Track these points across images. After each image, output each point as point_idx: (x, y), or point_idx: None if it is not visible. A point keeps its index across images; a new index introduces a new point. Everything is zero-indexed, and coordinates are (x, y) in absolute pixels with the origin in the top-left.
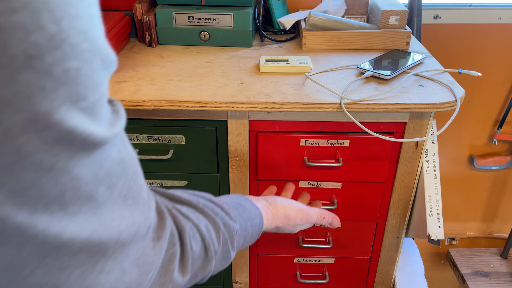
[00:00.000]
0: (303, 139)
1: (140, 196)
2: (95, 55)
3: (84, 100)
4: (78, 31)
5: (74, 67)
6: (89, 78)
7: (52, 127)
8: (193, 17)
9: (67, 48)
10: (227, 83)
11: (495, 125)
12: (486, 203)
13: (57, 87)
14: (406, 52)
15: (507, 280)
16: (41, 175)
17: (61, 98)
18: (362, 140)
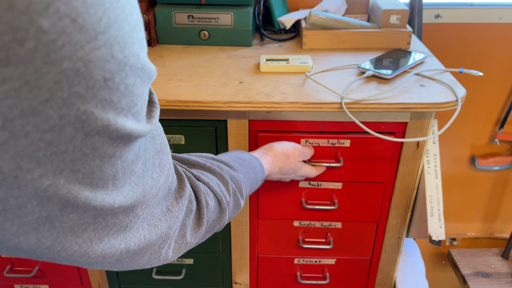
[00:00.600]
0: (303, 138)
1: (166, 162)
2: (143, 71)
3: (135, 106)
4: (134, 54)
5: (131, 82)
6: (139, 89)
7: (117, 130)
8: (193, 16)
9: (128, 69)
10: (227, 82)
11: (496, 125)
12: (488, 204)
13: (121, 99)
14: (407, 51)
15: (508, 281)
16: (104, 162)
17: (122, 108)
18: (362, 140)
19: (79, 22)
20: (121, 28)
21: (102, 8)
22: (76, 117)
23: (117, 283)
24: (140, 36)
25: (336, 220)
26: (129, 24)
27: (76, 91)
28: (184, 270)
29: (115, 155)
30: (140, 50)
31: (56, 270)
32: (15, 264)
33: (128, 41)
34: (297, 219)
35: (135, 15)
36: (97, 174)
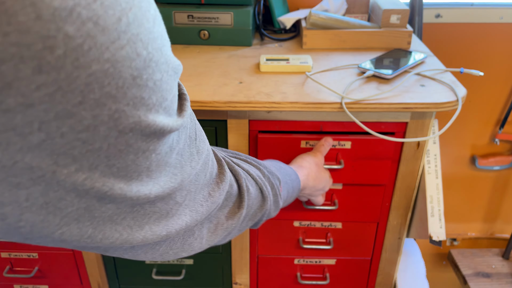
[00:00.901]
0: (303, 140)
1: (203, 149)
2: (168, 65)
3: (165, 101)
4: (157, 50)
5: (159, 78)
6: (167, 84)
7: (149, 126)
8: (193, 16)
9: (153, 65)
10: (226, 82)
11: (497, 124)
12: (488, 204)
13: (151, 95)
14: (407, 51)
15: (509, 281)
16: (138, 156)
17: (153, 103)
18: (363, 142)
19: (101, 24)
20: (141, 25)
21: (119, 8)
22: (109, 116)
23: (117, 283)
24: (160, 31)
25: (336, 220)
26: (148, 20)
27: (107, 92)
28: (184, 270)
29: (149, 149)
30: (162, 45)
31: (56, 270)
32: (14, 264)
33: (150, 37)
34: (297, 219)
35: (152, 10)
36: (131, 168)
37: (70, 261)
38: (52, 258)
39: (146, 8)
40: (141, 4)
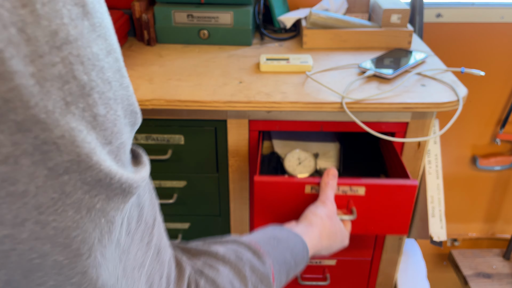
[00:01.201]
0: (308, 185)
1: (159, 242)
2: (118, 104)
3: (109, 144)
4: (104, 81)
5: (102, 113)
6: (114, 124)
7: (92, 169)
8: (192, 16)
9: (96, 95)
10: (226, 82)
11: (498, 124)
12: (489, 204)
13: (90, 131)
14: (408, 51)
15: (509, 281)
16: (82, 215)
17: (95, 141)
18: (380, 188)
19: (27, 33)
20: (86, 47)
21: (58, 21)
22: (34, 146)
23: None
24: (113, 65)
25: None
26: (99, 47)
27: (33, 115)
28: None
29: (96, 207)
30: (115, 80)
31: None
32: None
33: (97, 65)
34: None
35: (110, 40)
36: (74, 234)
37: None
38: None
39: (101, 33)
40: (95, 27)
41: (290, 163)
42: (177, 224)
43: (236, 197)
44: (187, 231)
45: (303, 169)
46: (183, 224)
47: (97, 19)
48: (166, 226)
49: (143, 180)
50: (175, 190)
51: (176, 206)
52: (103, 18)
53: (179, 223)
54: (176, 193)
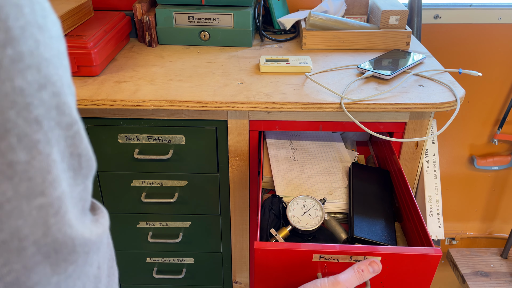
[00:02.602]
0: (316, 254)
1: None
2: (51, 146)
3: (41, 196)
4: (30, 121)
5: (23, 159)
6: (46, 172)
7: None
8: (193, 17)
9: (13, 139)
10: (227, 83)
11: (495, 125)
12: (486, 203)
13: (3, 181)
14: (406, 52)
15: (507, 280)
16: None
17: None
18: (398, 258)
19: None
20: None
21: None
22: None
23: (118, 282)
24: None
25: None
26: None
27: None
28: (185, 269)
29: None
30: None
31: None
32: None
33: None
34: None
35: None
36: None
37: None
38: None
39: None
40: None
41: (294, 212)
42: (178, 223)
43: (237, 197)
44: (188, 230)
45: (309, 221)
46: (184, 223)
47: (27, 47)
48: (167, 225)
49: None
50: (176, 190)
51: (177, 205)
52: (40, 45)
53: (180, 222)
54: (177, 193)
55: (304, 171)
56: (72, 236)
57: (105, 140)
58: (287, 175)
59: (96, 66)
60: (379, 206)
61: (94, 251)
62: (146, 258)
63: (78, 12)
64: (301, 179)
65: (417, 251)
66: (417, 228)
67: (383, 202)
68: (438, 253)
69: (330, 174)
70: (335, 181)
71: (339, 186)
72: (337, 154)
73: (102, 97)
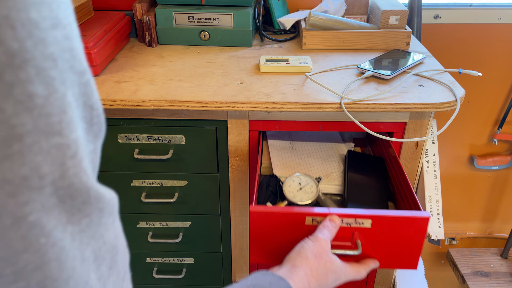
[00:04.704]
0: (309, 216)
1: None
2: (66, 87)
3: (59, 136)
4: (46, 56)
5: (41, 93)
6: (62, 111)
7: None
8: (193, 17)
9: (31, 70)
10: (227, 83)
11: (495, 125)
12: (486, 203)
13: (19, 111)
14: (406, 52)
15: (507, 280)
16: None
17: (27, 126)
18: (387, 220)
19: None
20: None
21: None
22: None
23: None
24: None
25: None
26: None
27: None
28: (185, 269)
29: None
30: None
31: None
32: None
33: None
34: None
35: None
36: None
37: None
38: None
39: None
40: None
41: (290, 189)
42: (178, 223)
43: (236, 197)
44: (188, 229)
45: (304, 196)
46: (184, 223)
47: None
48: (167, 225)
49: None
50: (176, 190)
51: (177, 205)
52: None
53: (180, 222)
54: (177, 192)
55: (301, 158)
56: (87, 185)
57: (105, 140)
58: (285, 160)
59: (96, 66)
60: (373, 188)
61: (108, 214)
62: (146, 258)
63: (78, 12)
64: (299, 164)
65: (405, 213)
66: (407, 198)
67: (378, 185)
68: (426, 215)
69: (327, 161)
70: (331, 166)
71: (335, 171)
72: (334, 146)
73: (102, 97)
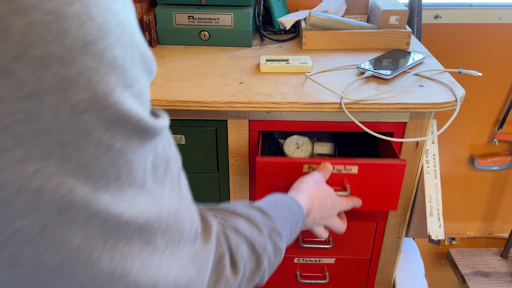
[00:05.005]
0: (306, 164)
1: (185, 194)
2: (133, 48)
3: (131, 87)
4: (119, 24)
5: (120, 55)
6: (132, 67)
7: (110, 108)
8: (193, 17)
9: (113, 38)
10: (227, 83)
11: (495, 125)
12: (486, 203)
13: (109, 71)
14: (406, 52)
15: (507, 280)
16: (101, 154)
17: (114, 82)
18: (371, 166)
19: None
20: None
21: None
22: (56, 84)
23: None
24: (126, 12)
25: None
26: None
27: (51, 51)
28: None
29: (115, 148)
30: (128, 24)
31: None
32: None
33: (110, 8)
34: None
35: None
36: (94, 169)
37: None
38: None
39: None
40: None
41: (289, 148)
42: None
43: (236, 197)
44: None
45: (301, 153)
46: None
47: None
48: None
49: (163, 127)
50: None
51: None
52: None
53: None
54: None
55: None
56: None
57: None
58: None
59: None
60: (362, 149)
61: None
62: None
63: None
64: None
65: (386, 161)
66: (388, 150)
67: (365, 145)
68: (403, 163)
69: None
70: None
71: (327, 136)
72: None
73: None
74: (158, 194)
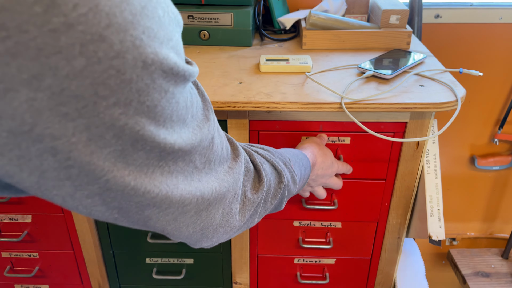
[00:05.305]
0: (303, 136)
1: (215, 122)
2: (167, 5)
3: (171, 41)
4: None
5: (161, 14)
6: (170, 24)
7: (165, 60)
8: (193, 17)
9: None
10: (227, 82)
11: (496, 125)
12: (487, 204)
13: (159, 29)
14: (407, 51)
15: (508, 281)
16: (161, 97)
17: (162, 38)
18: (362, 137)
19: None
20: None
21: None
22: (132, 43)
23: (117, 282)
24: None
25: (336, 220)
26: None
27: (125, 17)
28: (184, 270)
29: (169, 91)
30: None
31: (56, 269)
32: (15, 264)
33: None
34: (297, 219)
35: None
36: (158, 109)
37: (71, 261)
38: (53, 258)
39: None
40: None
41: None
42: None
43: None
44: None
45: None
46: None
47: None
48: None
49: (195, 72)
50: None
51: None
52: None
53: None
54: None
55: None
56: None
57: None
58: None
59: None
60: None
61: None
62: (146, 259)
63: None
64: None
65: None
66: None
67: None
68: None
69: None
70: None
71: None
72: None
73: None
74: (197, 126)
